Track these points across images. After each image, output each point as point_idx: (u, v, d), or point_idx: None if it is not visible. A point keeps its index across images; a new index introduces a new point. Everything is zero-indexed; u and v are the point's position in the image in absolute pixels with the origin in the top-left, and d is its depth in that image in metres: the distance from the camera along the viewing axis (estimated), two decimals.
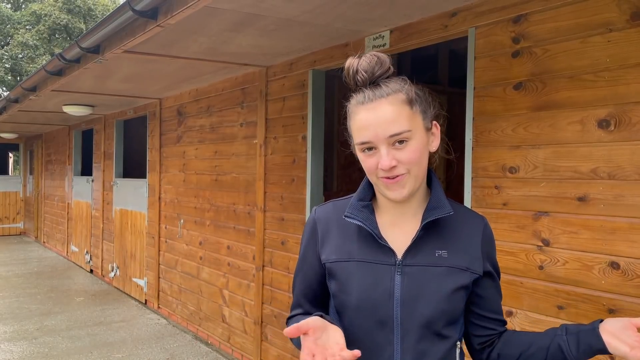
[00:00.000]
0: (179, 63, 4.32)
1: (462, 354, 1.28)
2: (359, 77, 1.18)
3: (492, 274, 1.29)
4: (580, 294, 2.26)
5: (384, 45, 3.26)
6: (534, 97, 2.43)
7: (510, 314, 2.52)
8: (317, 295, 1.34)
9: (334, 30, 3.30)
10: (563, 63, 2.32)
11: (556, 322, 2.34)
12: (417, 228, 1.23)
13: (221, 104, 5.15)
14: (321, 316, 1.12)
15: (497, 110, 2.59)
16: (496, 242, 1.38)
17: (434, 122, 1.24)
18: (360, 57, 1.20)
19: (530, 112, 2.45)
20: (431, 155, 1.26)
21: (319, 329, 1.07)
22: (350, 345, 1.20)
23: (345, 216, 1.26)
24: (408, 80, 1.21)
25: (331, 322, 1.12)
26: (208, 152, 5.39)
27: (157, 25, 3.02)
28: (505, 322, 1.36)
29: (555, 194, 2.35)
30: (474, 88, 2.70)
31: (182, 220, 5.92)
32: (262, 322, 4.51)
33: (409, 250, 1.22)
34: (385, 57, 1.19)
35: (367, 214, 1.25)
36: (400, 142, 1.15)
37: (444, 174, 5.54)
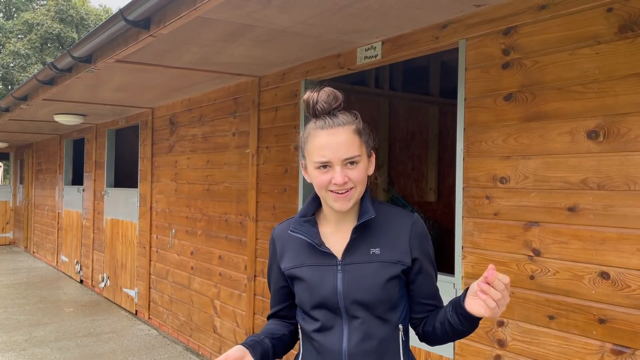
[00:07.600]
0: (171, 73, 4.32)
1: (406, 334, 1.55)
2: (318, 107, 1.46)
3: (420, 263, 1.52)
4: (571, 303, 2.27)
5: (375, 56, 3.29)
6: (524, 108, 2.45)
7: (501, 324, 2.52)
8: (282, 295, 1.66)
9: (327, 41, 3.32)
10: (552, 74, 2.34)
11: (547, 332, 2.35)
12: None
13: (213, 114, 5.16)
14: (244, 344, 1.47)
15: (488, 121, 2.61)
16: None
17: (372, 151, 1.54)
18: (318, 91, 1.47)
19: (521, 122, 2.47)
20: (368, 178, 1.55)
21: (239, 357, 1.43)
22: (314, 328, 1.54)
23: (290, 231, 1.56)
24: (358, 115, 1.51)
25: (251, 348, 1.47)
26: (200, 162, 5.38)
27: (150, 35, 3.03)
28: (438, 305, 1.58)
29: (545, 204, 2.36)
30: (465, 99, 2.72)
31: (173, 230, 5.89)
32: (253, 332, 4.49)
33: (347, 252, 1.51)
34: (339, 93, 1.48)
35: (308, 227, 1.54)
36: (352, 163, 1.44)
37: (436, 184, 5.58)
